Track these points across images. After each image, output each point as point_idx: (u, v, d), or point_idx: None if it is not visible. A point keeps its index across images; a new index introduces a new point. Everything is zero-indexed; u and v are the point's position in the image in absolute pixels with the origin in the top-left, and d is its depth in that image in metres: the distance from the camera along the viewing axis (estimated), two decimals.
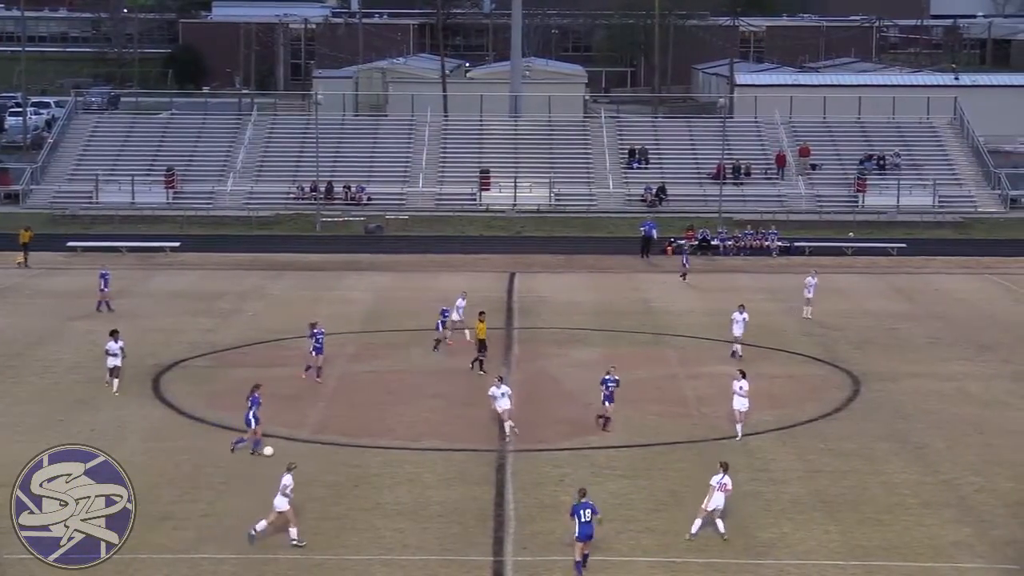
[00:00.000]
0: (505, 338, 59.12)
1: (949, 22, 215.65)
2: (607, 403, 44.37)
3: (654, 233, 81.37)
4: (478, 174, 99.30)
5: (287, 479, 34.38)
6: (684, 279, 72.05)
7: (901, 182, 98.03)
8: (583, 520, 32.67)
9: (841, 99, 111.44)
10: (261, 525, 34.28)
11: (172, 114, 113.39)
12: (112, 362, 48.18)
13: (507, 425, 43.35)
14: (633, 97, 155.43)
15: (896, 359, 54.85)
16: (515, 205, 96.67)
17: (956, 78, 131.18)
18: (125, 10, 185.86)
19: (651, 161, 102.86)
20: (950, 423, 46.47)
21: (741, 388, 44.15)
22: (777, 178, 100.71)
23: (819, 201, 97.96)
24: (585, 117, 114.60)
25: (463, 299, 57.02)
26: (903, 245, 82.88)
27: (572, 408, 48.15)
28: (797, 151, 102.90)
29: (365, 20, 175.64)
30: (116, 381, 48.09)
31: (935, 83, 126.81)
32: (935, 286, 72.01)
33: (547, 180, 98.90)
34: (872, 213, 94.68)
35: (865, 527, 36.67)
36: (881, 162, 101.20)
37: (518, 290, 70.07)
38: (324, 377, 50.54)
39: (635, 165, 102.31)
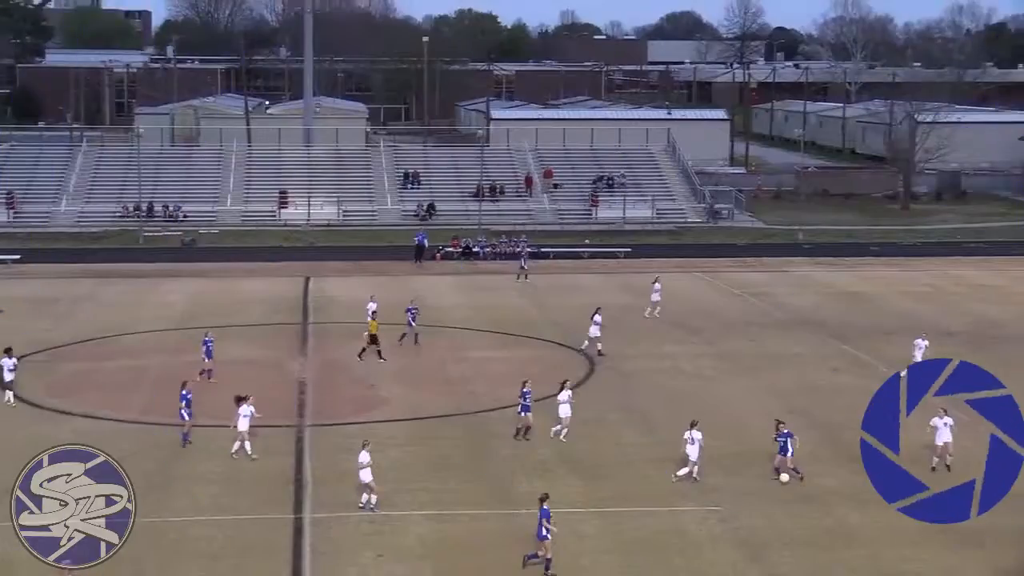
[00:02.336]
0: (302, 332, 58.72)
1: (663, 68, 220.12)
2: (524, 413, 41.48)
3: (425, 242, 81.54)
4: (277, 194, 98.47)
5: (364, 456, 34.12)
6: (519, 278, 72.62)
7: (626, 198, 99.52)
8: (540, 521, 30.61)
9: (577, 130, 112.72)
10: (373, 499, 34.17)
11: (12, 145, 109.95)
12: (8, 376, 45.22)
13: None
14: (407, 129, 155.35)
15: (624, 343, 55.71)
16: (309, 220, 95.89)
17: (669, 113, 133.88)
18: None
19: (422, 182, 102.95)
20: (668, 394, 47.44)
21: None
22: (526, 195, 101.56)
23: (560, 214, 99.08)
24: (367, 146, 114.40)
25: (374, 302, 55.99)
26: (629, 249, 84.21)
27: (358, 390, 48.11)
28: (542, 173, 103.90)
29: (179, 65, 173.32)
30: (10, 393, 45.15)
31: (652, 117, 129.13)
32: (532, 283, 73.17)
33: (336, 199, 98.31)
34: (603, 224, 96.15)
35: (601, 480, 37.27)
36: (610, 182, 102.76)
37: (312, 292, 69.56)
38: (146, 368, 49.61)
39: (409, 186, 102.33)
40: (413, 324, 55.24)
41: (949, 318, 62.88)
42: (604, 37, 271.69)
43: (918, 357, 48.50)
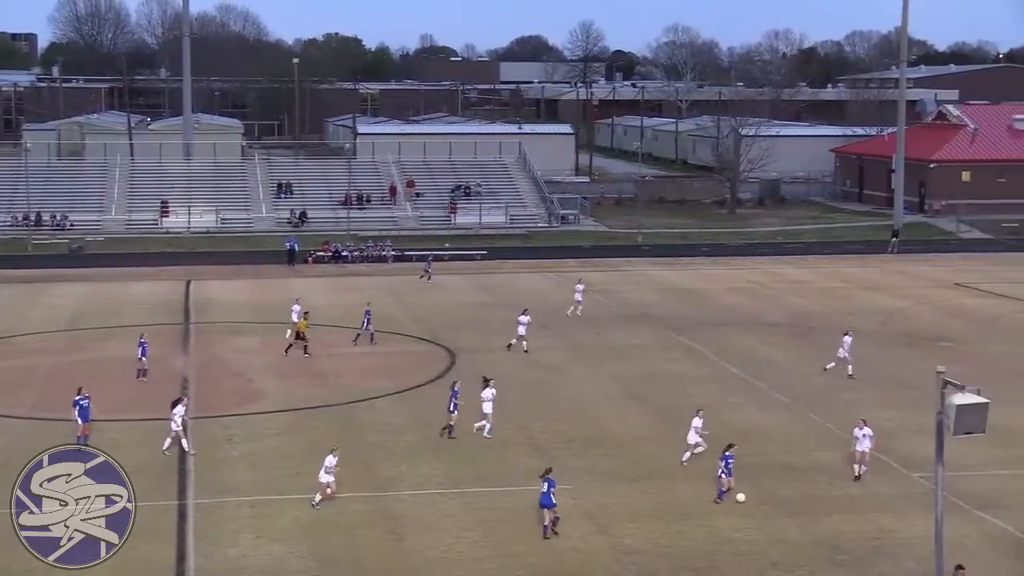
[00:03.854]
0: (183, 331, 57.73)
1: (514, 86, 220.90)
2: (452, 412, 40.28)
3: (296, 247, 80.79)
4: (159, 204, 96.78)
5: (330, 459, 33.02)
6: (422, 278, 72.31)
7: (482, 205, 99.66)
8: (543, 491, 31.28)
9: (437, 144, 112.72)
10: (316, 498, 32.94)
11: None
12: None
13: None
14: (280, 143, 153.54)
15: (482, 337, 55.76)
16: (189, 228, 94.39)
17: (520, 128, 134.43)
18: None
19: (295, 192, 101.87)
20: (521, 383, 47.53)
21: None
22: (391, 203, 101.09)
23: (422, 220, 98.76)
24: (243, 159, 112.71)
25: (298, 304, 54.93)
26: (485, 252, 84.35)
27: (237, 383, 47.44)
28: (405, 183, 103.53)
29: (65, 84, 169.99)
30: None
31: (505, 131, 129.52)
32: (509, 282, 73.49)
33: (214, 208, 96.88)
34: (462, 229, 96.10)
35: (462, 463, 37.22)
36: (467, 190, 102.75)
37: (193, 294, 68.41)
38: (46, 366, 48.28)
39: (282, 195, 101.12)
40: (368, 326, 54.50)
41: (771, 311, 64.06)
42: (460, 59, 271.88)
43: (843, 353, 48.77)
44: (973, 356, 52.39)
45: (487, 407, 40.17)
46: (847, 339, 49.22)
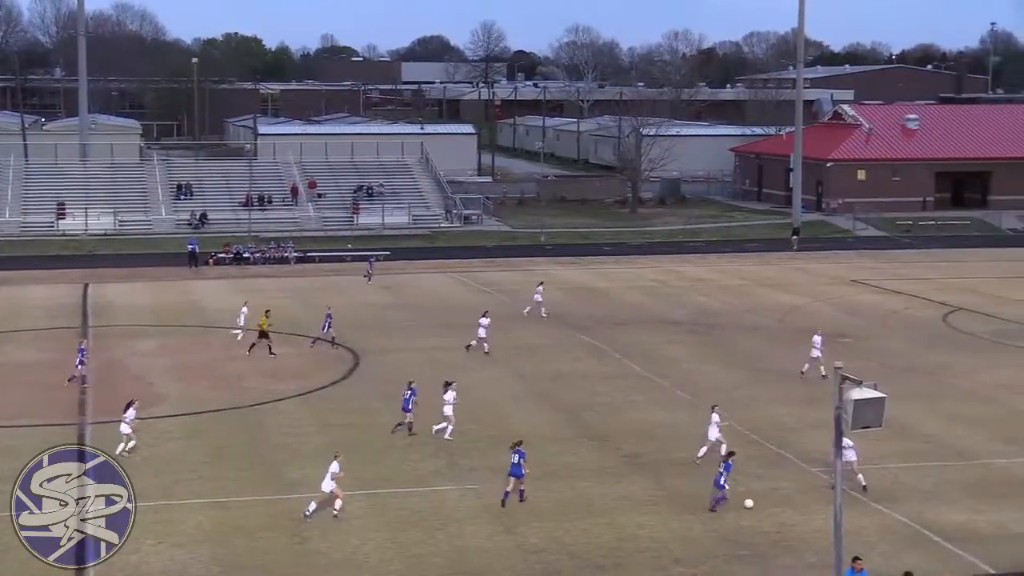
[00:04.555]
0: (81, 334, 56.76)
1: (415, 86, 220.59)
2: (407, 410, 40.32)
3: (197, 249, 79.94)
4: (55, 206, 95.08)
5: (335, 466, 32.39)
6: (366, 279, 72.02)
7: (385, 206, 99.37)
8: (514, 462, 33.19)
9: (338, 144, 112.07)
10: (312, 506, 32.18)
11: None
12: None
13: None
14: (179, 144, 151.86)
15: (385, 338, 55.62)
16: (87, 230, 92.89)
17: (422, 128, 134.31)
18: None
19: (195, 193, 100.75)
20: (427, 383, 47.34)
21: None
22: (292, 204, 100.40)
23: (325, 221, 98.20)
24: (141, 160, 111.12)
25: (246, 307, 54.84)
26: (388, 253, 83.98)
27: (139, 387, 46.61)
28: (307, 184, 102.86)
29: None
30: None
31: (407, 131, 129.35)
32: (412, 282, 73.35)
33: (112, 210, 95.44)
34: (364, 230, 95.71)
35: (367, 465, 37.03)
36: (369, 191, 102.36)
37: (92, 296, 67.31)
38: None
39: (182, 197, 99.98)
40: (328, 329, 53.98)
41: (672, 309, 64.66)
42: (361, 59, 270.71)
43: (816, 353, 48.36)
44: (870, 351, 53.39)
45: (447, 410, 40.08)
46: (817, 338, 48.96)
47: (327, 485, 32.55)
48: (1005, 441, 40.02)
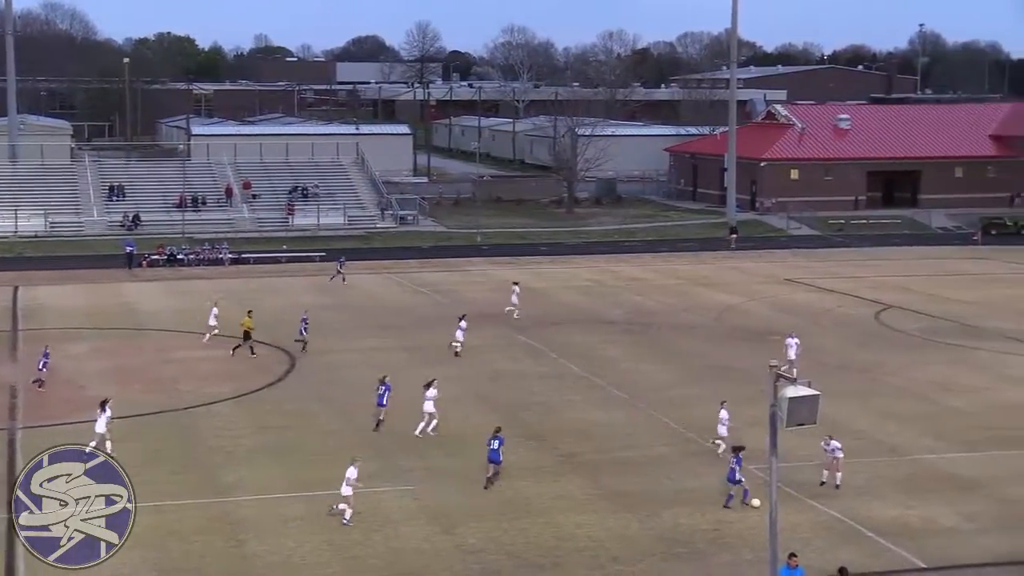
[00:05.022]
0: (11, 338, 56.04)
1: (350, 87, 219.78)
2: (380, 406, 41.01)
3: (135, 251, 79.20)
4: None
5: (352, 471, 32.24)
6: (340, 280, 71.67)
7: (320, 206, 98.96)
8: (493, 448, 35.00)
9: (273, 145, 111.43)
10: (348, 513, 31.93)
11: None
12: None
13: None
14: (111, 145, 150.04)
15: (322, 339, 55.29)
16: (16, 232, 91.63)
17: (357, 128, 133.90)
18: None
19: (127, 195, 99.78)
20: (363, 385, 47.28)
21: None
22: (227, 205, 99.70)
23: (260, 222, 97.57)
24: (72, 161, 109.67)
25: (216, 308, 54.88)
26: (324, 254, 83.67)
27: (70, 391, 46.15)
28: (241, 184, 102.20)
29: None
30: None
31: (342, 132, 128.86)
32: (348, 283, 72.98)
33: (43, 211, 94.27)
34: (300, 230, 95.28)
35: (303, 467, 36.90)
36: (305, 192, 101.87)
37: (22, 299, 66.45)
38: None
39: (114, 198, 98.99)
40: (304, 333, 53.55)
41: (609, 308, 64.94)
42: (296, 59, 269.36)
43: (791, 355, 48.64)
44: (803, 350, 53.85)
45: (428, 406, 40.26)
46: (791, 340, 49.30)
47: (346, 490, 32.41)
48: (935, 437, 40.60)
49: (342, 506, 32.21)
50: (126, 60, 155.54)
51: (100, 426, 37.15)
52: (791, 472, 34.40)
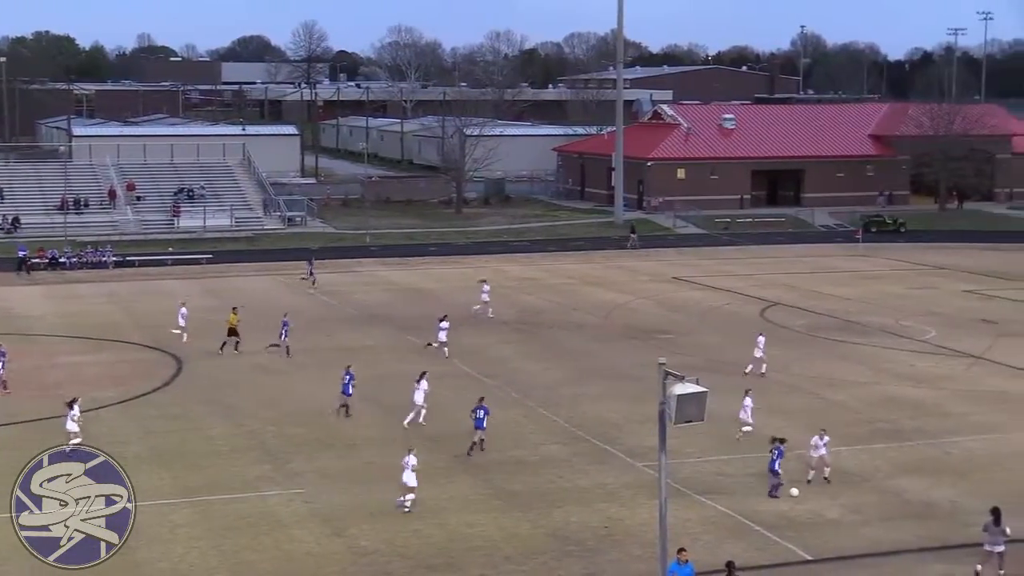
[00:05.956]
0: None
1: (236, 87, 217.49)
2: (345, 394, 42.44)
3: (27, 254, 77.78)
4: None
5: (412, 459, 32.86)
6: (312, 283, 71.15)
7: (206, 208, 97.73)
8: (478, 416, 37.82)
9: (158, 146, 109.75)
10: (409, 498, 32.93)
11: None
12: None
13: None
14: None
15: (209, 342, 54.41)
16: None
17: (243, 129, 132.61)
18: None
19: (6, 198, 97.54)
20: (252, 387, 46.87)
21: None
22: (110, 207, 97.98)
23: (144, 224, 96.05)
24: None
25: (184, 308, 54.77)
26: (211, 256, 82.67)
27: None
28: (125, 186, 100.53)
29: None
30: None
31: (228, 133, 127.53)
32: (236, 285, 72.28)
33: None
34: (186, 232, 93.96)
35: (190, 471, 36.43)
36: (191, 193, 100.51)
37: None
38: None
39: None
40: (285, 337, 52.69)
41: (500, 309, 64.95)
42: (180, 59, 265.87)
43: (759, 353, 49.02)
44: (691, 347, 54.56)
45: (419, 397, 40.94)
46: (760, 339, 49.70)
47: (409, 479, 32.98)
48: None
49: (409, 497, 32.99)
50: (2, 59, 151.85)
51: (70, 424, 37.11)
52: (680, 468, 34.82)
